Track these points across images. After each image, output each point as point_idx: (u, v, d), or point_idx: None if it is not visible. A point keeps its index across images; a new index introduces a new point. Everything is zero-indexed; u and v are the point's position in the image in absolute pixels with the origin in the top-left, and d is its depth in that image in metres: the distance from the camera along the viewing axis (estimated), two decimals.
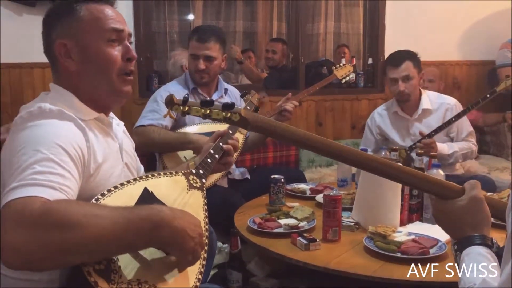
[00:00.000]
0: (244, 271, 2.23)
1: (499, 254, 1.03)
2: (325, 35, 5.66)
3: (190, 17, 5.32)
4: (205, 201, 1.41)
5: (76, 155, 1.12)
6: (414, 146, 2.73)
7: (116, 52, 1.28)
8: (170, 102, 1.07)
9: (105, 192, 1.15)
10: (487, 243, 1.04)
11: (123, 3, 3.40)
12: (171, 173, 1.39)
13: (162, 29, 5.03)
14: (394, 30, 4.08)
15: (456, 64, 4.31)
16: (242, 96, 2.50)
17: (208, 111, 1.04)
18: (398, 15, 4.08)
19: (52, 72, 1.31)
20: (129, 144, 1.47)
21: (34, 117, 1.14)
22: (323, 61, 4.76)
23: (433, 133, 2.74)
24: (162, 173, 1.36)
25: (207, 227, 1.34)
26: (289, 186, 2.49)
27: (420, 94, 2.95)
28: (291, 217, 2.01)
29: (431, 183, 1.12)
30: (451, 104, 2.93)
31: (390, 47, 4.08)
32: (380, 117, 3.09)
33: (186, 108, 1.06)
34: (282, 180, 2.29)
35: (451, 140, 2.92)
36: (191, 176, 1.44)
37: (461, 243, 1.07)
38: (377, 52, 4.13)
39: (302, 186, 2.56)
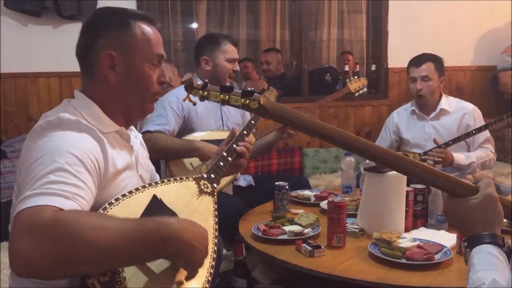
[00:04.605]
0: (249, 278, 2.24)
1: (509, 254, 1.02)
2: (328, 42, 5.67)
3: (194, 25, 5.35)
4: (216, 206, 1.40)
5: (91, 165, 1.13)
6: (422, 154, 2.73)
7: (155, 75, 1.33)
8: (189, 86, 1.02)
9: (113, 201, 1.14)
10: (498, 242, 1.03)
11: None
12: (181, 179, 1.38)
13: (166, 38, 5.06)
14: (397, 36, 4.09)
15: (460, 69, 4.31)
16: (260, 93, 2.52)
17: (227, 97, 1.01)
18: (401, 21, 4.09)
19: (83, 78, 1.32)
20: (144, 157, 1.48)
21: (53, 127, 1.16)
22: (327, 68, 4.79)
23: (450, 142, 2.73)
24: (172, 179, 1.35)
25: (216, 233, 1.34)
26: (293, 193, 2.49)
27: (440, 97, 2.98)
28: (296, 223, 2.01)
29: (447, 180, 1.10)
30: (469, 109, 2.95)
31: (393, 53, 4.10)
32: (398, 115, 3.14)
33: (206, 93, 1.01)
34: (287, 187, 2.29)
35: (467, 145, 2.92)
36: (202, 181, 1.43)
37: (471, 240, 1.06)
38: (380, 59, 4.14)
39: (307, 192, 2.56)
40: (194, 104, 1.07)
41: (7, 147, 3.07)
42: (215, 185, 1.46)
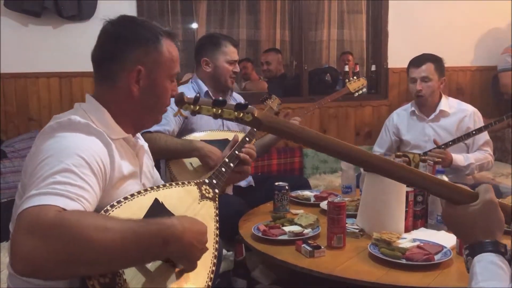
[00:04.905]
0: (249, 279, 2.23)
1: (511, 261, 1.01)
2: (328, 42, 5.68)
3: (194, 25, 5.35)
4: (217, 211, 1.41)
5: (97, 168, 1.14)
6: (422, 154, 2.73)
7: (170, 90, 1.38)
8: (180, 101, 1.01)
9: (115, 204, 1.15)
10: (500, 250, 1.01)
11: (126, 12, 3.39)
12: (183, 183, 1.39)
13: None
14: (397, 36, 4.09)
15: (460, 70, 4.31)
16: (262, 101, 2.53)
17: (219, 111, 1.00)
18: (401, 21, 4.09)
19: (98, 84, 1.34)
20: (148, 165, 1.49)
21: (62, 128, 1.17)
22: (327, 68, 4.79)
23: (450, 143, 2.74)
24: (174, 184, 1.36)
25: (217, 239, 1.34)
26: (293, 193, 2.49)
27: (440, 98, 2.97)
28: (296, 224, 2.01)
29: (445, 186, 1.08)
30: (469, 111, 2.95)
31: (393, 53, 4.10)
32: (398, 116, 3.14)
33: (197, 107, 1.00)
34: (286, 187, 2.29)
35: (467, 147, 2.92)
36: (203, 186, 1.44)
37: (472, 248, 1.03)
38: (380, 59, 4.14)
39: (307, 193, 2.55)
40: (186, 118, 1.05)
41: (7, 147, 3.06)
42: (216, 190, 1.47)
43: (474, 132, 2.72)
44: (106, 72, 1.31)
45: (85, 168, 1.10)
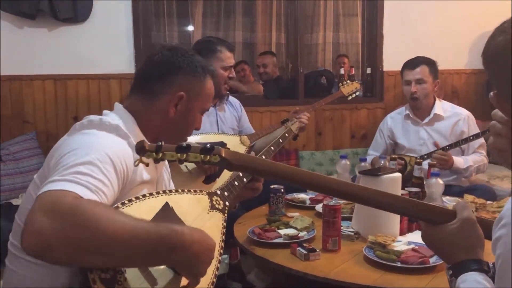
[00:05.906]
0: (244, 282, 2.24)
1: (494, 277, 0.99)
2: (324, 45, 5.69)
3: (190, 28, 5.35)
4: (225, 224, 1.42)
5: (120, 169, 1.18)
6: (425, 156, 2.74)
7: (197, 123, 1.50)
8: (141, 149, 0.98)
9: (126, 202, 1.16)
10: (484, 268, 1.01)
11: (122, 14, 3.42)
12: (195, 191, 1.39)
13: (162, 41, 5.06)
14: (392, 39, 4.10)
15: (455, 72, 4.32)
16: (282, 123, 2.53)
17: (184, 156, 0.98)
18: (397, 24, 4.10)
19: (134, 96, 1.41)
20: (165, 179, 1.53)
21: (93, 126, 1.25)
22: (322, 71, 4.80)
23: (447, 147, 2.75)
24: (186, 190, 1.37)
25: (221, 251, 1.36)
26: (288, 196, 2.48)
27: (434, 101, 2.98)
28: (291, 227, 2.01)
29: (421, 209, 1.07)
30: (463, 114, 2.96)
31: (388, 56, 4.11)
32: (392, 120, 3.14)
33: (160, 155, 0.98)
34: (282, 190, 2.29)
35: (462, 151, 2.94)
36: (215, 196, 1.45)
37: (456, 268, 1.03)
38: (375, 62, 4.15)
39: (302, 195, 2.56)
40: (147, 165, 1.03)
41: (2, 150, 3.05)
42: (227, 203, 1.47)
43: (471, 138, 2.74)
44: (149, 89, 1.39)
45: (109, 165, 1.14)
